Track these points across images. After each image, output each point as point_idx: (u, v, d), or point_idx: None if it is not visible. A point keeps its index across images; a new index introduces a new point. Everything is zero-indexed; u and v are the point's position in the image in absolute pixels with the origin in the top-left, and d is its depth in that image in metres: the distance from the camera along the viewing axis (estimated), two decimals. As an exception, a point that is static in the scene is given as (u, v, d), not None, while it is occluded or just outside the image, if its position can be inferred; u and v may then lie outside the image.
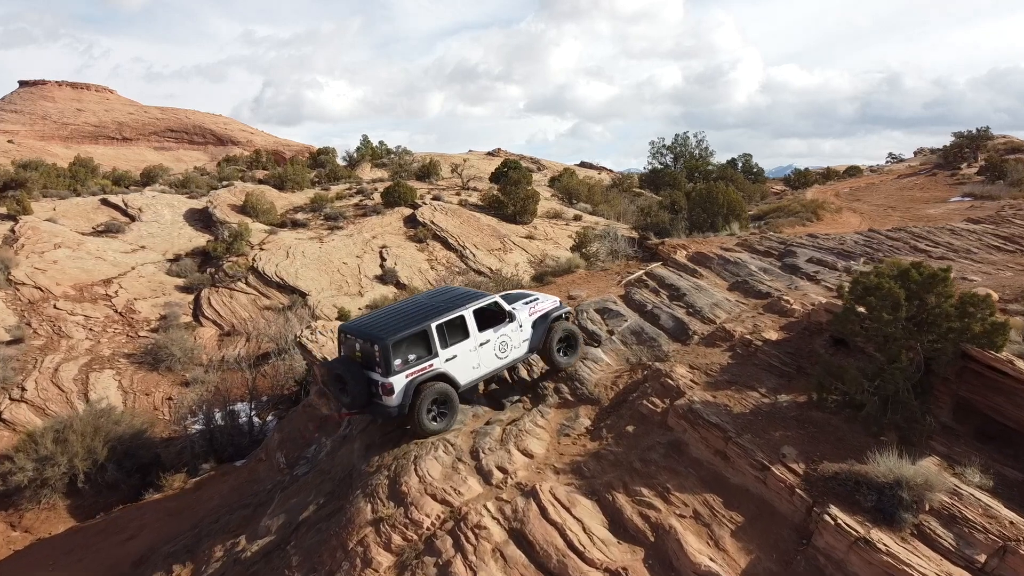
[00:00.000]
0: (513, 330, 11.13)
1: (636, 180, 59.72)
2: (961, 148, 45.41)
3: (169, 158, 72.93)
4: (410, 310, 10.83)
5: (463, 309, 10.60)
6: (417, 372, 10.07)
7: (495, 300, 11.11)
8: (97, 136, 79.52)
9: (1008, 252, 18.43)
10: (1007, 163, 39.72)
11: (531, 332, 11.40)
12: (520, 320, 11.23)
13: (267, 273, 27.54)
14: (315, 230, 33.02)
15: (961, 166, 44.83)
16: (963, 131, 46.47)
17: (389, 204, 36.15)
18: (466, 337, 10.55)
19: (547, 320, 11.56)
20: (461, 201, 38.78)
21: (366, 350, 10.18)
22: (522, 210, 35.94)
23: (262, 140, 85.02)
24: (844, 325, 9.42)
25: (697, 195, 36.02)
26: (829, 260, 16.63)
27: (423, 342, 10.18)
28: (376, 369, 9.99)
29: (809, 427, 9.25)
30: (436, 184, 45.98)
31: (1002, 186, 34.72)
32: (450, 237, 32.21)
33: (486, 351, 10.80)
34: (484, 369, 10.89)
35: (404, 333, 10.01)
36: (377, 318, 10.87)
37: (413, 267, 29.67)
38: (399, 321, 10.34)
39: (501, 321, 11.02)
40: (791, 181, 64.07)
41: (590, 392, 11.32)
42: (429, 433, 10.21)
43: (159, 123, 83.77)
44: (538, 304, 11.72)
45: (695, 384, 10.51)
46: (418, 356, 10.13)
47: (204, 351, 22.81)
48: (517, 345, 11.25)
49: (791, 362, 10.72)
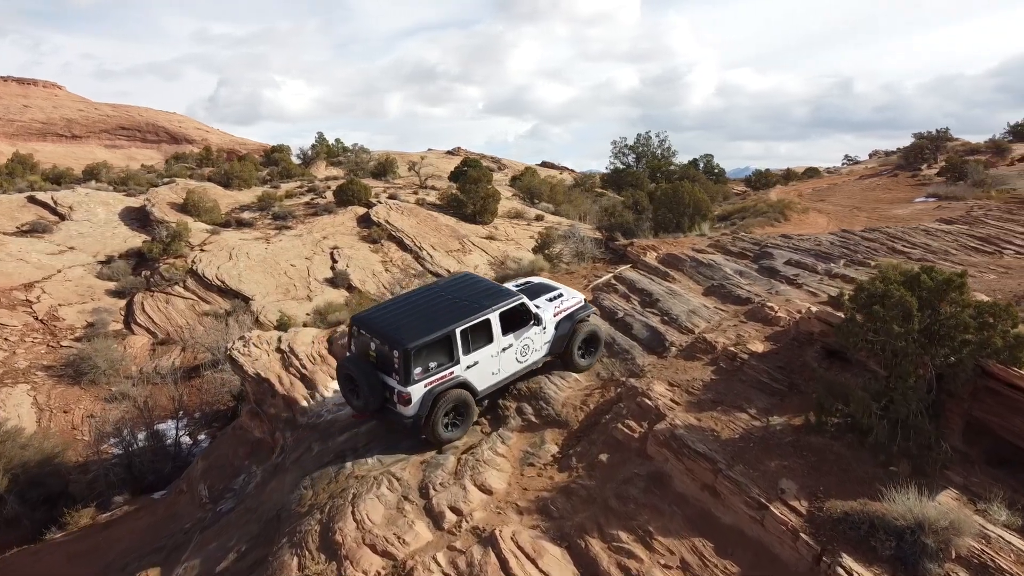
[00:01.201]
0: (537, 333, 10.26)
1: (598, 180, 58.82)
2: (922, 149, 45.45)
3: (121, 156, 69.67)
4: (430, 306, 9.74)
5: (489, 312, 9.61)
6: (436, 381, 9.17)
7: (522, 301, 10.08)
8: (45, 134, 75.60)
9: (987, 254, 17.71)
10: (968, 164, 39.70)
11: (553, 334, 10.54)
12: (544, 322, 10.32)
13: (207, 276, 25.64)
14: (262, 230, 31.12)
15: (922, 167, 44.84)
16: (923, 132, 46.55)
17: (342, 203, 34.42)
18: (489, 342, 9.65)
19: (572, 320, 10.66)
20: (418, 200, 37.22)
21: (383, 353, 9.18)
22: (482, 210, 34.55)
23: (218, 139, 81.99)
24: (847, 338, 8.25)
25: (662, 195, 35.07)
26: (808, 262, 15.60)
27: (445, 348, 9.26)
28: (393, 375, 9.06)
29: (808, 455, 8.05)
30: (392, 183, 44.29)
31: (965, 186, 34.51)
32: (406, 237, 30.65)
33: (507, 356, 9.93)
34: (503, 375, 10.01)
35: (427, 339, 9.01)
36: (394, 314, 9.67)
37: (366, 269, 28.04)
38: (420, 321, 9.31)
39: (526, 323, 10.08)
40: (752, 182, 63.95)
41: (557, 413, 9.99)
42: (443, 443, 9.41)
43: (110, 121, 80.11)
44: (563, 302, 10.80)
45: (676, 404, 9.25)
46: (439, 363, 9.24)
47: (134, 362, 20.89)
48: (538, 348, 10.39)
49: (782, 378, 9.54)
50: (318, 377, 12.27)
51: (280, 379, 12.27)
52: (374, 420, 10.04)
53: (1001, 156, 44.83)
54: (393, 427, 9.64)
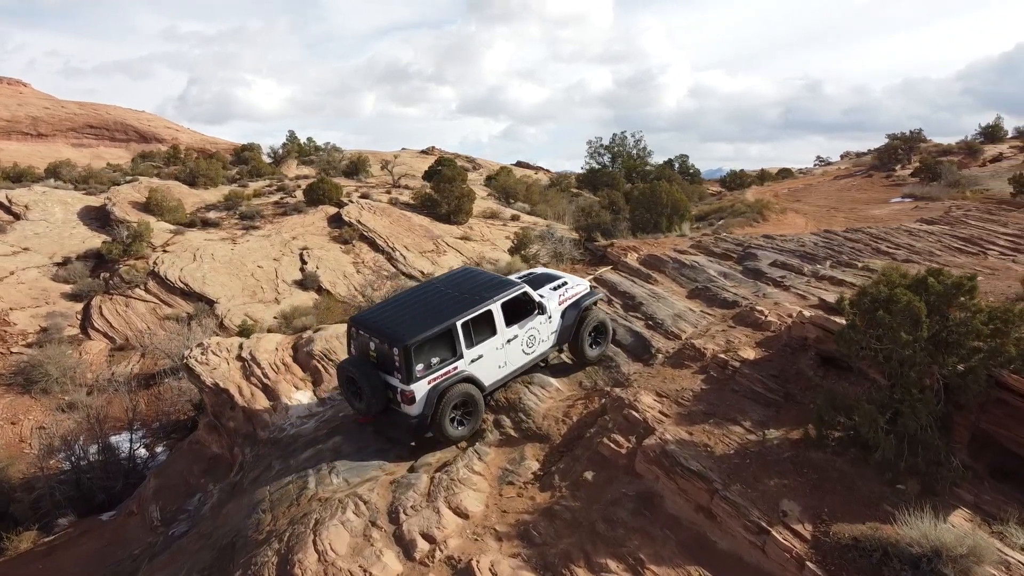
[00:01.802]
0: (542, 322, 9.89)
1: (574, 180, 58.35)
2: (896, 150, 45.62)
3: (89, 155, 67.46)
4: (429, 302, 9.46)
5: (490, 303, 9.28)
6: (440, 377, 8.88)
7: (524, 290, 9.75)
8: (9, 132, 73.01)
9: (971, 255, 17.41)
10: (941, 165, 39.87)
11: (560, 323, 10.16)
12: (550, 311, 9.96)
13: (169, 278, 24.56)
14: (228, 230, 30.04)
15: (896, 168, 45.01)
16: (897, 133, 46.77)
17: (312, 202, 33.42)
18: (493, 334, 9.32)
19: (578, 308, 10.28)
20: (391, 199, 36.35)
21: (383, 351, 8.88)
22: (457, 209, 33.80)
23: (188, 138, 80.00)
24: (849, 345, 7.68)
25: (640, 195, 34.64)
26: (794, 264, 15.12)
27: (447, 342, 8.94)
28: (394, 373, 8.77)
29: (809, 472, 7.47)
30: (365, 182, 43.32)
31: (940, 187, 34.58)
32: (378, 238, 29.78)
33: (513, 348, 9.57)
34: (510, 368, 9.66)
35: (427, 334, 8.72)
36: (393, 312, 9.44)
37: (337, 270, 27.14)
38: (419, 317, 9.03)
39: (530, 313, 9.75)
40: (727, 182, 64.01)
41: (537, 426, 9.31)
42: (453, 441, 9.10)
43: (77, 119, 77.73)
44: (568, 290, 10.43)
45: (665, 417, 8.63)
46: (441, 359, 8.93)
47: (90, 369, 19.82)
48: (545, 338, 10.02)
49: (777, 388, 8.96)
50: (281, 387, 11.46)
51: (240, 390, 11.44)
52: (376, 422, 9.62)
53: (973, 157, 45.19)
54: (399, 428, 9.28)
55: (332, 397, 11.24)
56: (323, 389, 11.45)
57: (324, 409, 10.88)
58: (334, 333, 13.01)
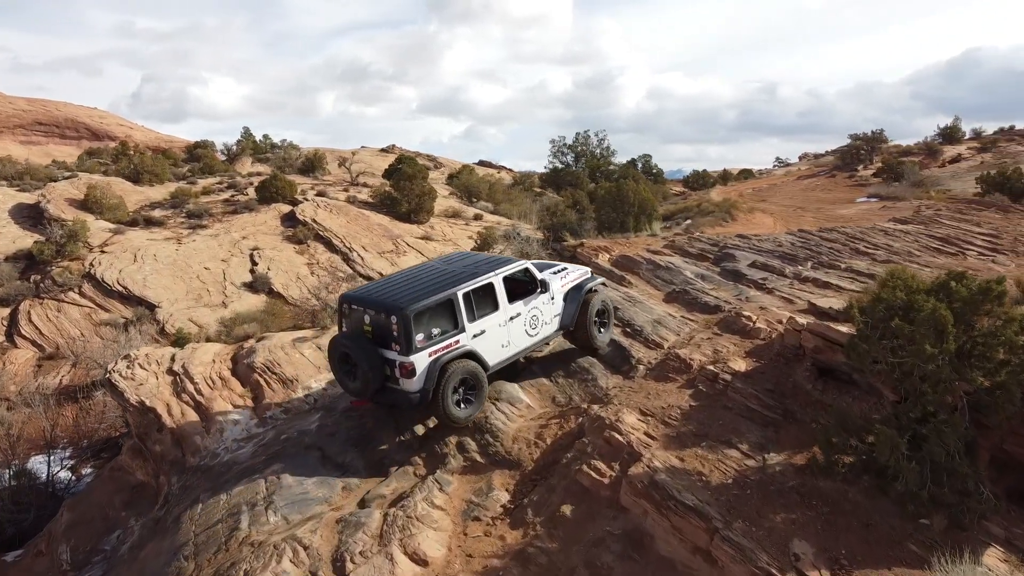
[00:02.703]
0: (545, 303, 9.45)
1: (537, 180, 57.45)
2: (858, 150, 45.71)
3: (39, 153, 64.12)
4: (426, 276, 8.96)
5: (491, 275, 8.87)
6: (441, 350, 8.29)
7: (526, 266, 9.42)
8: (-47, 129, 69.19)
9: (950, 255, 16.87)
10: (904, 165, 39.93)
11: (562, 306, 9.76)
12: (552, 291, 9.54)
13: (107, 281, 22.82)
14: (173, 229, 28.27)
15: (858, 168, 45.09)
16: (859, 133, 46.89)
17: (265, 200, 31.78)
18: (495, 309, 8.86)
19: (580, 292, 9.87)
20: (349, 198, 34.89)
21: (379, 323, 8.32)
22: (417, 208, 32.51)
23: (143, 136, 76.84)
24: (862, 359, 6.75)
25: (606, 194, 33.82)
26: (775, 265, 14.30)
27: (448, 313, 8.46)
28: (392, 346, 8.17)
29: (819, 505, 6.53)
30: (322, 179, 41.71)
31: (905, 187, 34.47)
32: (335, 237, 28.35)
33: (516, 327, 9.08)
34: (514, 348, 9.15)
35: (427, 302, 8.21)
36: (389, 286, 8.90)
37: (290, 272, 25.67)
38: (418, 288, 8.53)
39: (531, 292, 9.34)
40: (690, 182, 63.95)
41: (507, 450, 8.22)
42: (455, 421, 8.46)
43: (26, 115, 74.02)
44: (569, 274, 10.10)
45: (652, 439, 7.61)
46: (442, 331, 8.39)
47: (13, 380, 18.10)
48: (548, 321, 9.55)
49: (774, 404, 8.02)
50: (217, 405, 10.17)
51: (169, 408, 10.12)
52: (372, 405, 9.05)
53: (933, 158, 45.50)
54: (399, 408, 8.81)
55: (274, 416, 10.00)
56: (264, 407, 10.18)
57: (264, 431, 9.63)
58: (279, 342, 11.74)
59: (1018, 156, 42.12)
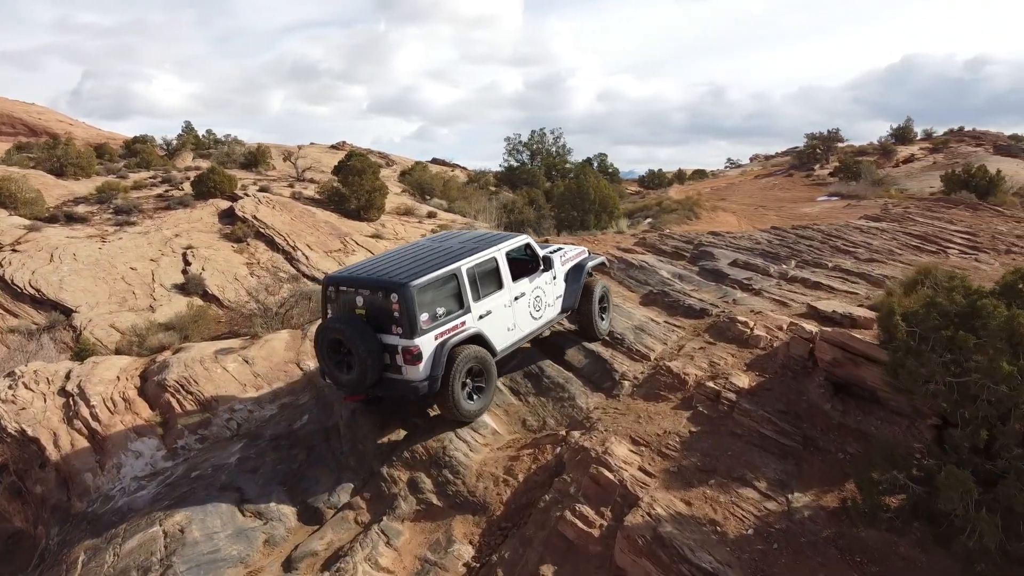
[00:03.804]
0: (547, 282, 8.69)
1: (492, 178, 56.08)
2: (814, 150, 45.59)
3: None
4: (421, 253, 8.02)
5: (494, 250, 8.06)
6: (448, 332, 7.37)
7: (527, 241, 8.64)
8: None
9: (932, 254, 16.04)
10: (861, 164, 39.83)
11: (563, 287, 9.02)
12: (555, 270, 8.82)
13: (17, 282, 20.46)
14: (98, 226, 25.90)
15: (815, 167, 44.96)
16: (815, 133, 46.84)
17: (201, 195, 29.56)
18: (499, 288, 8.03)
19: (582, 273, 9.12)
20: (294, 194, 32.89)
21: (376, 304, 7.29)
22: (367, 205, 30.72)
23: (84, 132, 72.61)
24: (913, 380, 5.44)
25: (566, 191, 32.68)
26: (758, 263, 13.14)
27: (452, 291, 7.56)
28: (392, 329, 7.17)
29: (864, 563, 5.24)
30: (265, 175, 39.48)
31: (865, 185, 34.16)
32: (277, 235, 26.37)
33: (520, 308, 8.27)
34: (519, 332, 8.30)
35: (430, 277, 7.29)
36: (380, 263, 7.91)
37: (227, 272, 23.63)
38: (415, 264, 7.60)
39: (533, 270, 8.55)
40: (646, 182, 63.66)
41: (470, 489, 6.72)
42: (466, 416, 7.50)
43: None
44: (567, 253, 9.33)
45: (649, 477, 6.22)
46: (447, 310, 7.46)
47: (-102, 397, 15.78)
48: (551, 303, 8.79)
49: (791, 429, 6.71)
50: (115, 434, 8.42)
51: (56, 438, 8.32)
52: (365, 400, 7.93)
53: (887, 158, 45.67)
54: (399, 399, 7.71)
55: (187, 446, 8.29)
56: (176, 435, 8.47)
57: (173, 465, 7.94)
58: (199, 355, 10.01)
59: (968, 156, 42.50)
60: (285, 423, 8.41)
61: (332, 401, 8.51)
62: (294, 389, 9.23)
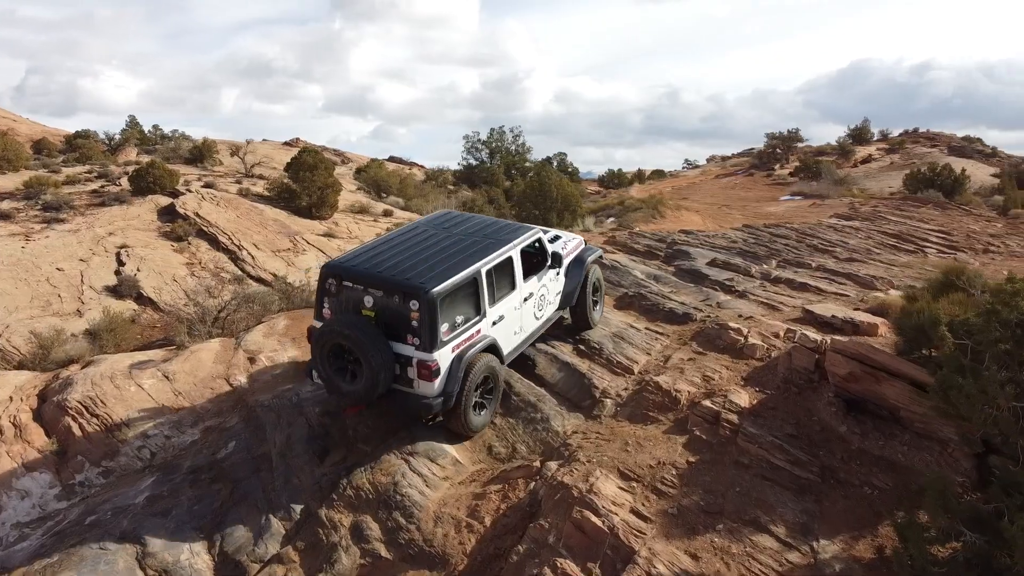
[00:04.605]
0: (552, 279, 8.01)
1: (450, 176, 54.84)
2: (775, 149, 45.50)
3: None
4: (434, 244, 7.12)
5: (510, 247, 7.26)
6: (465, 343, 6.59)
7: (539, 236, 7.88)
8: None
9: (910, 253, 15.45)
10: (821, 164, 39.76)
11: (564, 282, 8.28)
12: (561, 266, 8.12)
13: (-76, 285, 18.57)
14: (23, 223, 23.88)
15: (775, 167, 44.85)
16: (776, 132, 46.80)
17: (140, 191, 27.66)
18: (512, 289, 7.32)
19: (583, 267, 8.42)
20: (242, 190, 31.14)
21: (390, 308, 6.39)
22: (319, 202, 29.19)
23: (28, 129, 68.73)
24: (972, 405, 4.46)
25: (528, 188, 31.67)
26: (737, 263, 12.23)
27: (471, 296, 6.79)
28: (408, 339, 6.31)
29: (915, 631, 4.21)
30: (212, 171, 37.54)
31: (827, 185, 33.91)
32: (221, 234, 24.71)
33: (527, 309, 7.60)
34: (523, 335, 7.63)
35: (453, 280, 6.44)
36: (391, 255, 6.87)
37: (165, 273, 21.93)
38: (434, 261, 6.72)
39: (541, 267, 7.84)
40: (605, 181, 63.30)
41: (426, 537, 5.55)
42: (474, 431, 6.81)
43: None
44: (567, 244, 8.53)
45: (645, 522, 5.13)
46: (465, 318, 6.71)
47: None
48: (552, 300, 8.11)
49: (806, 457, 5.70)
50: (2, 467, 7.01)
51: (-77, 475, 6.88)
52: None
53: (846, 158, 45.80)
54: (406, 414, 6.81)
55: (87, 481, 6.95)
56: (75, 467, 7.10)
57: (67, 507, 6.59)
58: (111, 369, 8.62)
59: (924, 157, 42.86)
60: (208, 451, 7.11)
61: (265, 424, 7.26)
62: (221, 410, 7.92)
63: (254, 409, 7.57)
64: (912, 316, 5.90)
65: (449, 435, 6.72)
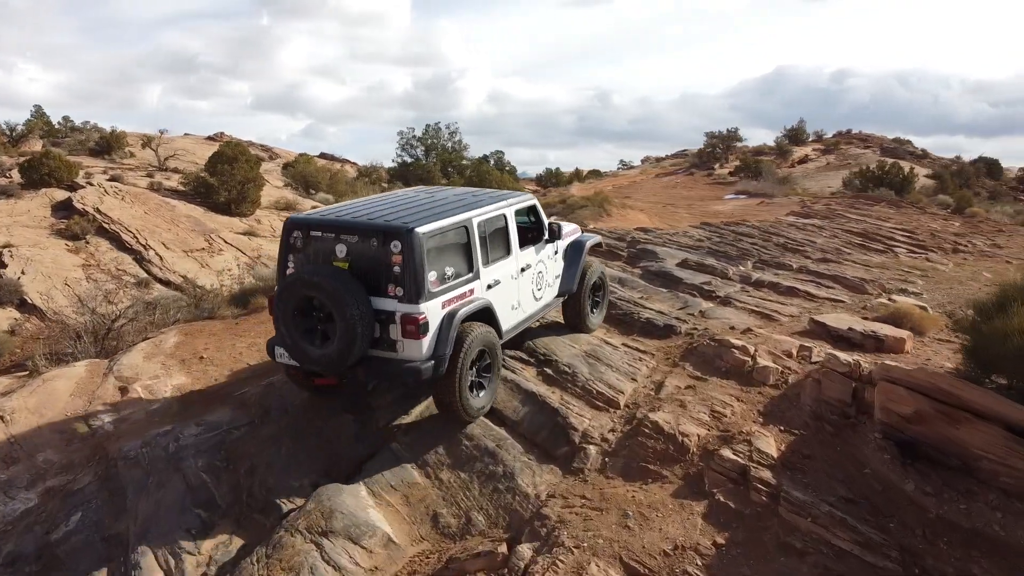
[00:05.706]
0: (550, 256, 7.15)
1: (384, 173, 52.63)
2: (714, 148, 45.19)
3: None
4: (418, 200, 6.21)
5: (503, 205, 6.37)
6: (456, 300, 5.51)
7: (533, 203, 7.15)
8: None
9: (880, 253, 14.45)
10: (761, 164, 39.54)
11: (562, 266, 7.45)
12: (559, 243, 7.34)
13: None
14: None
15: (715, 166, 44.54)
16: (715, 132, 46.53)
17: (33, 184, 24.71)
18: (507, 254, 6.38)
19: (581, 252, 7.63)
20: (153, 184, 28.41)
21: (367, 254, 5.35)
22: (239, 198, 26.76)
23: None
24: None
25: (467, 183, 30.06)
26: (711, 264, 10.82)
27: (462, 248, 5.78)
28: (388, 291, 5.24)
29: None
30: (121, 163, 34.36)
31: (770, 184, 33.47)
32: (125, 232, 22.09)
33: (525, 283, 6.67)
34: (522, 312, 6.67)
35: (442, 223, 5.52)
36: (368, 206, 6.06)
37: (55, 276, 19.27)
38: (417, 208, 5.78)
39: (537, 239, 6.95)
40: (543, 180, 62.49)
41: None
42: (471, 414, 5.64)
43: None
44: (564, 227, 7.69)
45: (669, 649, 3.49)
46: (456, 272, 5.66)
47: None
48: (551, 282, 7.24)
49: (878, 537, 4.15)
50: None
51: None
52: None
53: (783, 158, 45.88)
54: None
55: None
56: None
57: None
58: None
59: (858, 157, 43.32)
60: (41, 528, 5.13)
61: (127, 485, 5.33)
62: (71, 463, 5.91)
63: (115, 463, 5.62)
64: (995, 338, 4.46)
65: (380, 503, 4.93)
